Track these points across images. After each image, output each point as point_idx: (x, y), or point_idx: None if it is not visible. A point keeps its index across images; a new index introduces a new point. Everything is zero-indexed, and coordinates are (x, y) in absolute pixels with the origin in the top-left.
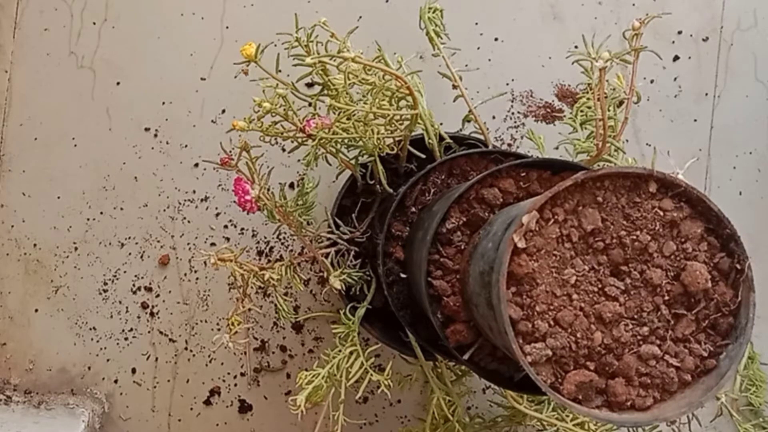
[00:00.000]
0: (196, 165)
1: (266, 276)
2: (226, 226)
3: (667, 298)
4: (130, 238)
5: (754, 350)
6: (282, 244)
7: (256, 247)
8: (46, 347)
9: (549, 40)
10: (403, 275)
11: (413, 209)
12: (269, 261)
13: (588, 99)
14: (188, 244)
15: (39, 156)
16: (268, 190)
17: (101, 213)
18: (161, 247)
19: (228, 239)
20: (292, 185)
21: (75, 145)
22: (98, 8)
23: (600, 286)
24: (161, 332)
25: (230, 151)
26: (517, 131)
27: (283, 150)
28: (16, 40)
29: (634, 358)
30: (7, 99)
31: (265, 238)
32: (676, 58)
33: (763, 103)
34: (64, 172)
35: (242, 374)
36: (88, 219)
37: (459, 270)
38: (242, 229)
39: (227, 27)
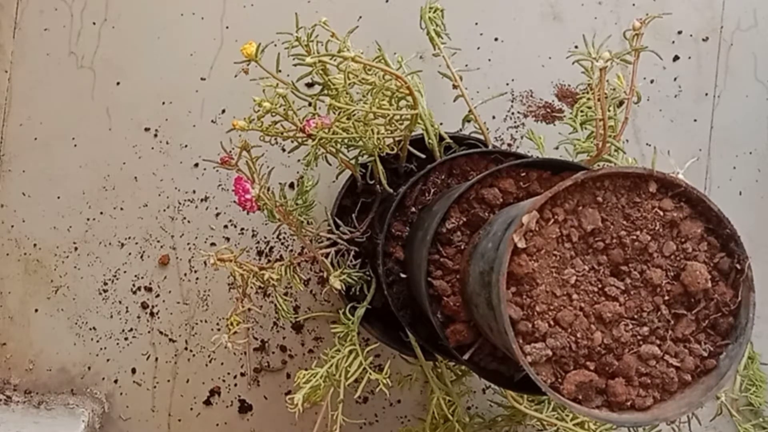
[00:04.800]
0: (196, 165)
1: (266, 276)
2: (226, 226)
3: (667, 298)
4: (130, 238)
5: (754, 350)
6: (282, 244)
7: (256, 247)
8: (46, 347)
9: (549, 40)
10: (403, 275)
11: (413, 209)
12: (269, 261)
13: (588, 99)
14: (188, 244)
15: (39, 156)
16: (268, 189)
17: (101, 213)
18: (161, 247)
19: (228, 239)
20: (292, 185)
21: (75, 145)
22: (98, 8)
23: (600, 286)
24: (161, 332)
25: (230, 151)
26: (517, 131)
27: (283, 150)
28: (16, 40)
29: (634, 358)
30: (7, 99)
31: (265, 238)
32: (676, 58)
33: (763, 103)
34: (64, 172)
35: (242, 374)
36: (88, 219)
37: (459, 270)
38: (242, 229)
39: (227, 27)
